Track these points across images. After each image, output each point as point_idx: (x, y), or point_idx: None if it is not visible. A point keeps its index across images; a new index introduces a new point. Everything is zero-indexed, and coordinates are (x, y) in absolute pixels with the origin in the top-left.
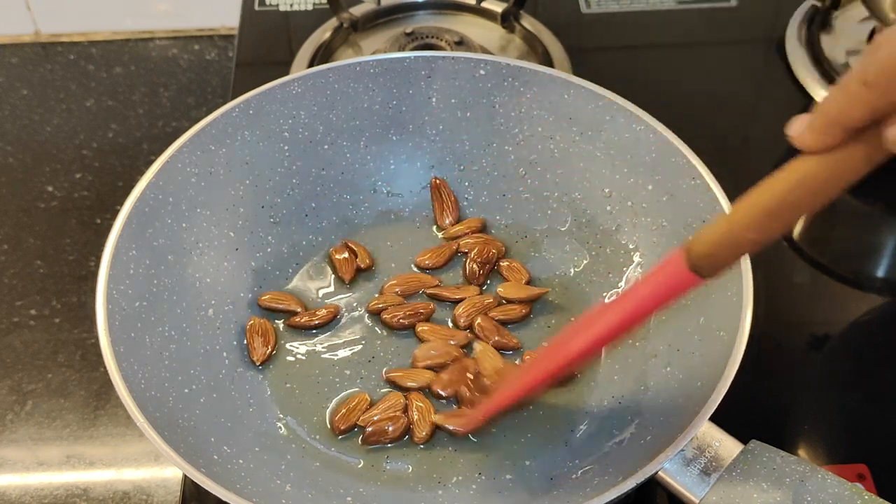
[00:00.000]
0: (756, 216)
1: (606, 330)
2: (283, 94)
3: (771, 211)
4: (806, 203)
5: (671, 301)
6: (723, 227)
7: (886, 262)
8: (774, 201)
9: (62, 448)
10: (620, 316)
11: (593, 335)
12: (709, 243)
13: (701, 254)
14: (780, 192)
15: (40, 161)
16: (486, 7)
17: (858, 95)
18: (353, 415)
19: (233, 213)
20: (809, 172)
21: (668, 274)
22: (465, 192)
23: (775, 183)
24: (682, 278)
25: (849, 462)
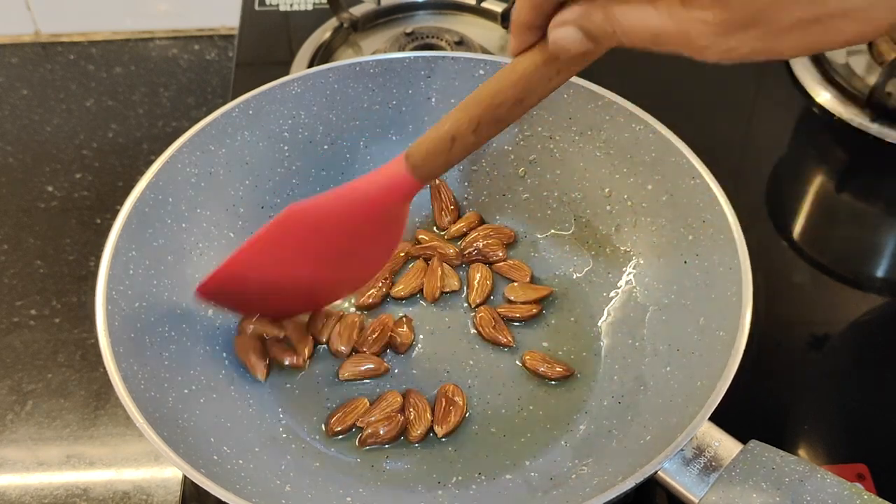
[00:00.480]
0: (455, 111)
1: (326, 213)
2: (283, 94)
3: (466, 105)
4: (496, 98)
5: (385, 205)
6: (434, 132)
7: (886, 262)
8: (471, 97)
9: (62, 448)
10: (334, 203)
11: (312, 201)
12: (424, 148)
13: (418, 157)
14: (482, 96)
15: (40, 161)
16: (486, 7)
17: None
18: (350, 417)
19: (233, 214)
20: (505, 72)
21: (391, 175)
22: (465, 192)
23: (480, 89)
24: (401, 180)
25: (848, 462)
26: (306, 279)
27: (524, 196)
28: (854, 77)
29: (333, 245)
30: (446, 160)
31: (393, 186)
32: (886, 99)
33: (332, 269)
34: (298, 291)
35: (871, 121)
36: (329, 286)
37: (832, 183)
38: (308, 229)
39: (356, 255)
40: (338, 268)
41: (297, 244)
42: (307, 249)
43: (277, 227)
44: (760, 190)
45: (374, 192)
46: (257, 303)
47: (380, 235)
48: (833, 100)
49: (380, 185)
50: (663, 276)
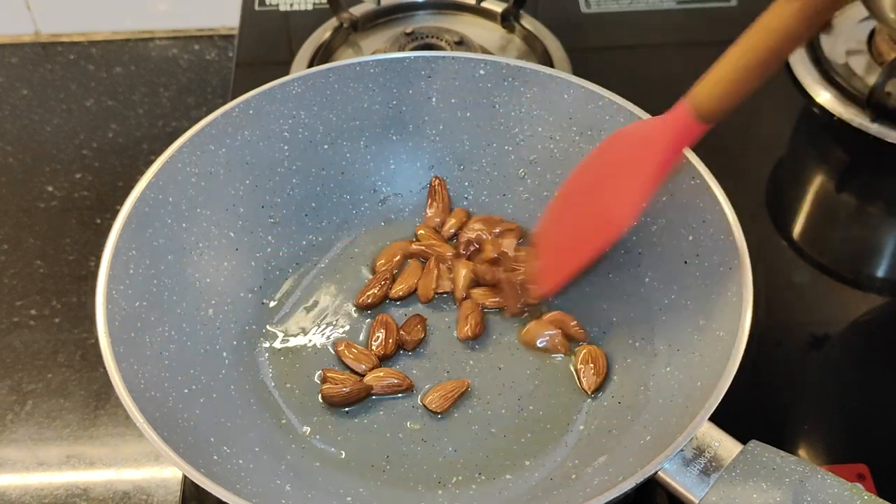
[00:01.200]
0: (747, 66)
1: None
2: (283, 94)
3: (761, 60)
4: (784, 48)
5: (682, 150)
6: (720, 74)
7: (886, 262)
8: (760, 48)
9: (62, 448)
10: (648, 161)
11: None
12: (710, 93)
13: (703, 102)
14: (754, 39)
15: (40, 161)
16: (486, 7)
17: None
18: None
19: (233, 213)
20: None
21: (676, 120)
22: (465, 192)
23: (756, 33)
24: (689, 127)
25: (849, 462)
26: (592, 215)
27: (524, 196)
28: (854, 77)
29: (613, 177)
30: (733, 102)
31: (680, 131)
32: (886, 99)
33: (605, 202)
34: (587, 228)
35: (871, 121)
36: (601, 218)
37: (832, 183)
38: (606, 163)
39: (623, 190)
40: (608, 202)
41: (594, 179)
42: (596, 186)
43: (600, 152)
44: (760, 190)
45: (665, 131)
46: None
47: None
48: (833, 100)
49: (670, 124)
50: (663, 275)
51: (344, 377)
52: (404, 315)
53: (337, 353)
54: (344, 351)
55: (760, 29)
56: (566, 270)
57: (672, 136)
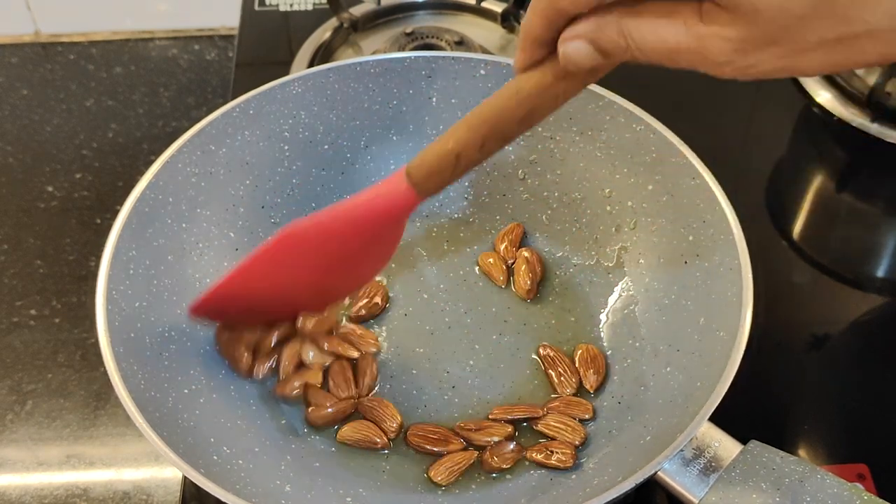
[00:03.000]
0: (457, 129)
1: (323, 231)
2: (283, 94)
3: (470, 124)
4: (499, 118)
5: (386, 220)
6: (436, 141)
7: (886, 262)
8: (474, 115)
9: (62, 448)
10: (333, 222)
11: (311, 231)
12: (423, 157)
13: (420, 167)
14: (480, 108)
15: (40, 161)
16: (486, 7)
17: (536, 6)
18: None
19: (233, 213)
20: (506, 88)
21: (391, 189)
22: (465, 192)
23: (485, 105)
24: (403, 194)
25: (849, 462)
26: (301, 290)
27: (524, 196)
28: (854, 77)
29: (332, 259)
30: (449, 177)
31: (393, 203)
32: (886, 99)
33: (326, 279)
34: (292, 301)
35: (871, 121)
36: (322, 293)
37: (832, 183)
38: (306, 248)
39: (352, 264)
40: (333, 277)
41: (295, 262)
42: (304, 265)
43: (275, 248)
44: (760, 190)
45: (375, 209)
46: (250, 316)
47: (377, 246)
48: (833, 100)
49: (380, 202)
50: (663, 276)
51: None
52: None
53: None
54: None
55: (489, 117)
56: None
57: (389, 210)
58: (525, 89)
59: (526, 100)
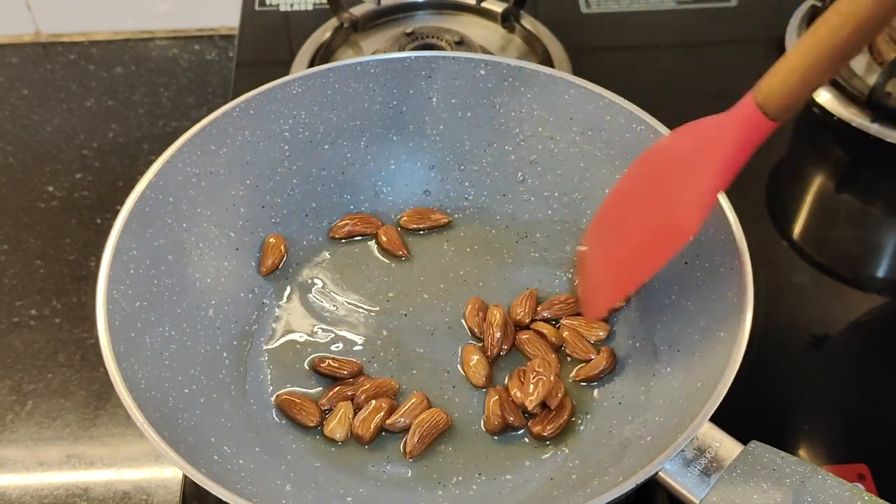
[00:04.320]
0: (819, 58)
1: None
2: (284, 94)
3: (835, 49)
4: (861, 35)
5: (751, 149)
6: (789, 66)
7: (886, 262)
8: (836, 40)
9: (62, 448)
10: (713, 162)
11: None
12: (781, 87)
13: (770, 96)
14: (835, 31)
15: (40, 161)
16: (486, 7)
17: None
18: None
19: (233, 213)
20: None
21: (742, 117)
22: (465, 192)
23: (826, 25)
24: (755, 123)
25: (849, 462)
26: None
27: (524, 196)
28: (854, 77)
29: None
30: (803, 104)
31: (750, 132)
32: (886, 99)
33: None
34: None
35: (871, 121)
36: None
37: (832, 183)
38: (662, 167)
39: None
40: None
41: (650, 185)
42: (654, 192)
43: (641, 164)
44: (760, 190)
45: (725, 133)
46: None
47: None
48: (833, 100)
49: (732, 126)
50: (664, 276)
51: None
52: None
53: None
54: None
55: (834, 15)
56: (625, 286)
57: (737, 135)
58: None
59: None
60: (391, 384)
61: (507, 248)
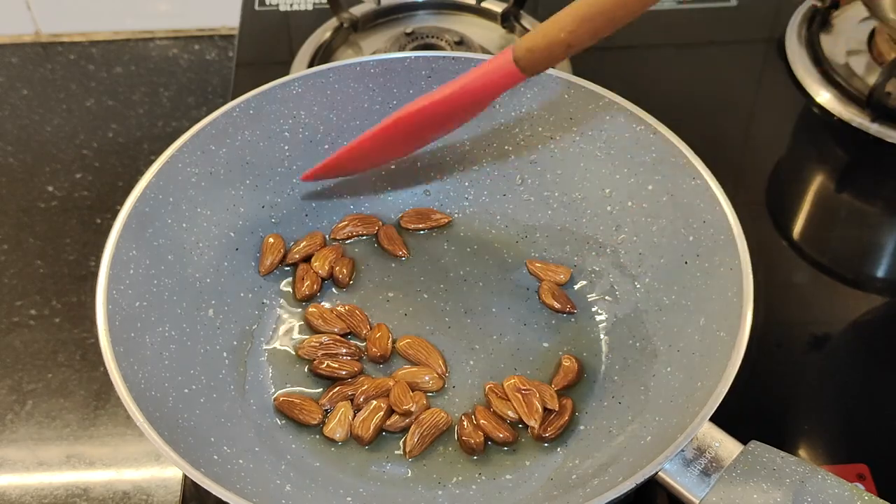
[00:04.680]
0: (572, 20)
1: (439, 105)
2: (284, 94)
3: (584, 16)
4: (616, 12)
5: (496, 93)
6: (544, 26)
7: (886, 262)
8: (589, 7)
9: (62, 448)
10: (454, 94)
11: (427, 108)
12: (530, 40)
13: (524, 49)
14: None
15: (40, 161)
16: (486, 7)
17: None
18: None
19: (233, 213)
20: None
21: (498, 65)
22: (465, 192)
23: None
24: (508, 71)
25: (849, 462)
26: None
27: (524, 196)
28: (854, 77)
29: (424, 129)
30: (555, 63)
31: (500, 84)
32: (886, 99)
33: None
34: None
35: (871, 121)
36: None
37: (832, 183)
38: (411, 129)
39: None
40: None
41: (399, 142)
42: (404, 141)
43: (383, 132)
44: (760, 190)
45: (482, 89)
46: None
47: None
48: (833, 100)
49: (488, 83)
50: (664, 276)
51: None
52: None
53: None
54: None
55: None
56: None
57: (501, 90)
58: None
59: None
60: (390, 384)
61: (507, 248)
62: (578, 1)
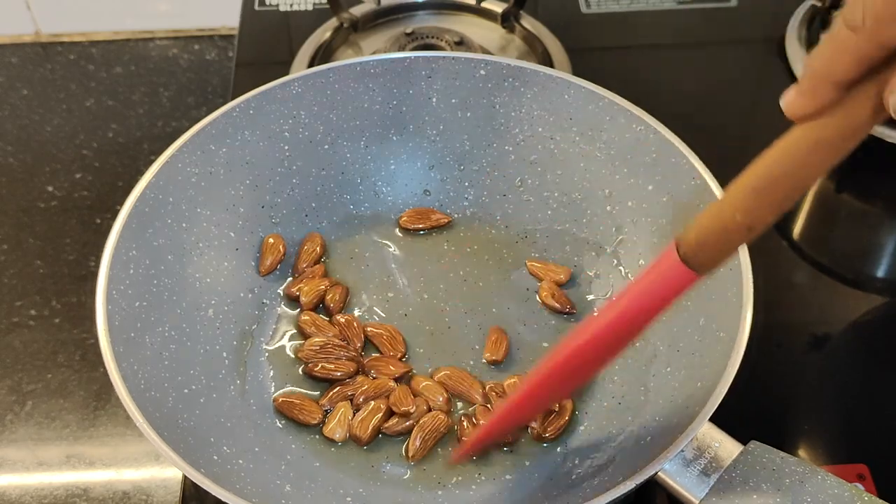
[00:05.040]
0: (744, 196)
1: (601, 337)
2: (283, 94)
3: (758, 189)
4: (795, 177)
5: (668, 302)
6: (712, 211)
7: (886, 262)
8: (760, 177)
9: (62, 448)
10: (615, 321)
11: (587, 344)
12: (698, 231)
13: (692, 243)
14: (765, 167)
15: (40, 161)
16: (486, 7)
17: (845, 43)
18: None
19: (233, 213)
20: (796, 141)
21: (663, 271)
22: (465, 192)
23: (761, 159)
24: (676, 274)
25: (849, 462)
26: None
27: (524, 196)
28: None
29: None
30: (735, 251)
31: (671, 293)
32: None
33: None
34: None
35: None
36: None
37: (832, 183)
38: (577, 367)
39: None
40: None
41: (561, 385)
42: (566, 382)
43: (549, 377)
44: None
45: (650, 306)
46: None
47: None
48: None
49: (656, 296)
50: None
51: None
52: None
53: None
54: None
55: (770, 161)
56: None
57: (674, 298)
58: (807, 143)
59: (808, 156)
60: (389, 385)
61: (507, 248)
62: (750, 170)
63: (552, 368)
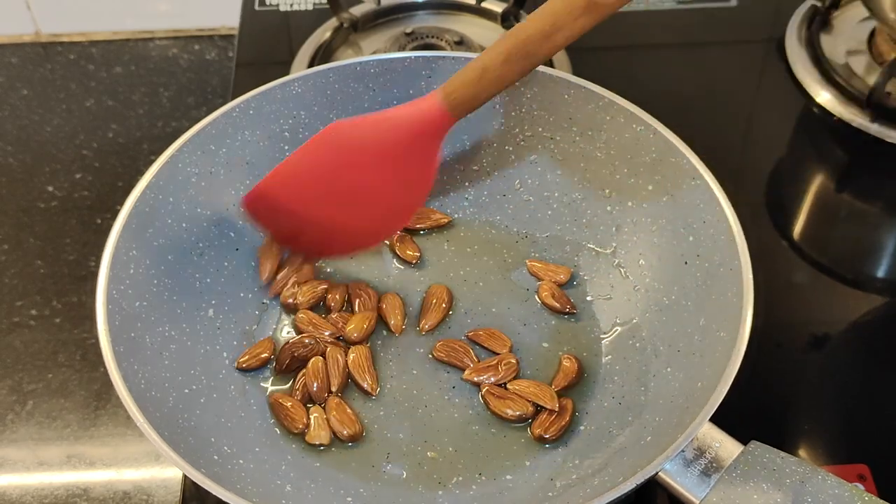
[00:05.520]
0: (489, 51)
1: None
2: (284, 94)
3: (502, 48)
4: (534, 36)
5: (419, 136)
6: (466, 66)
7: (886, 262)
8: (506, 37)
9: (62, 448)
10: (372, 126)
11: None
12: (458, 80)
13: (451, 88)
14: (513, 30)
15: (40, 161)
16: (486, 7)
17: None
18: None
19: (233, 213)
20: (538, 10)
21: (423, 105)
22: (465, 192)
23: (514, 27)
24: (434, 112)
25: (849, 462)
26: (337, 213)
27: (524, 196)
28: (854, 77)
29: (367, 175)
30: (477, 91)
31: (427, 118)
32: (886, 99)
33: (362, 205)
34: (328, 227)
35: (871, 121)
36: (356, 229)
37: (832, 183)
38: (346, 147)
39: (387, 193)
40: (368, 206)
41: (335, 162)
42: (342, 172)
43: (318, 141)
44: (760, 190)
45: (409, 120)
46: (288, 230)
47: (411, 175)
48: (833, 100)
49: (414, 115)
50: (664, 276)
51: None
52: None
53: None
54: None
55: (514, 33)
56: (340, 250)
57: (433, 130)
58: (547, 7)
59: (547, 16)
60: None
61: (507, 248)
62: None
63: (315, 140)
